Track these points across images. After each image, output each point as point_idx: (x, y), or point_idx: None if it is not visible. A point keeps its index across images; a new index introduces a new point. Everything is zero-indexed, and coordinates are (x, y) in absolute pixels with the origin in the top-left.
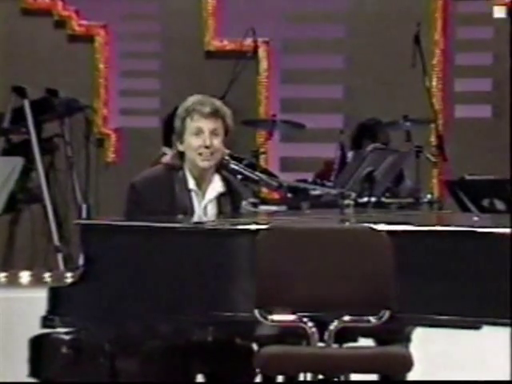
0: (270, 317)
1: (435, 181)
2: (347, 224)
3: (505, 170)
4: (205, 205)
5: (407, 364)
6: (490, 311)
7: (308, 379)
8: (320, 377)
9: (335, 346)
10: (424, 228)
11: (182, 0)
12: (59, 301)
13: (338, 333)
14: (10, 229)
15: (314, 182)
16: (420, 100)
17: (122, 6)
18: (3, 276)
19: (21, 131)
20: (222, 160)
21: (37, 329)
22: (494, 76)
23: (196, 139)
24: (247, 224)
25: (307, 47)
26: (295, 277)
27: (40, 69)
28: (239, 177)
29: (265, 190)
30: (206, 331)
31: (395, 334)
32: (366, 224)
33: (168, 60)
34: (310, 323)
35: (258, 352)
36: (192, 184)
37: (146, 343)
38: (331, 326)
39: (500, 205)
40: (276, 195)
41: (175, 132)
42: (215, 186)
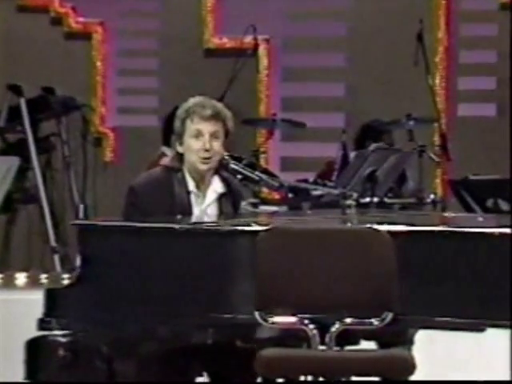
0: (271, 319)
1: (438, 180)
2: (349, 225)
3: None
4: (205, 207)
5: (410, 367)
6: (495, 313)
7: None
8: (320, 379)
9: (336, 349)
10: (427, 228)
11: None
12: (56, 303)
13: (340, 335)
14: (6, 229)
15: (315, 182)
16: (423, 98)
17: (120, 3)
18: None
19: (17, 130)
20: (222, 160)
21: (33, 331)
22: (499, 74)
23: (196, 142)
24: (247, 225)
25: (308, 45)
26: (296, 278)
27: (36, 66)
28: (239, 177)
29: (265, 190)
30: (205, 333)
31: (398, 337)
32: (368, 225)
33: (167, 58)
34: (311, 325)
35: (259, 355)
36: (191, 186)
37: (144, 346)
38: (332, 329)
39: (504, 205)
40: (276, 195)
41: (174, 133)
42: (215, 188)
